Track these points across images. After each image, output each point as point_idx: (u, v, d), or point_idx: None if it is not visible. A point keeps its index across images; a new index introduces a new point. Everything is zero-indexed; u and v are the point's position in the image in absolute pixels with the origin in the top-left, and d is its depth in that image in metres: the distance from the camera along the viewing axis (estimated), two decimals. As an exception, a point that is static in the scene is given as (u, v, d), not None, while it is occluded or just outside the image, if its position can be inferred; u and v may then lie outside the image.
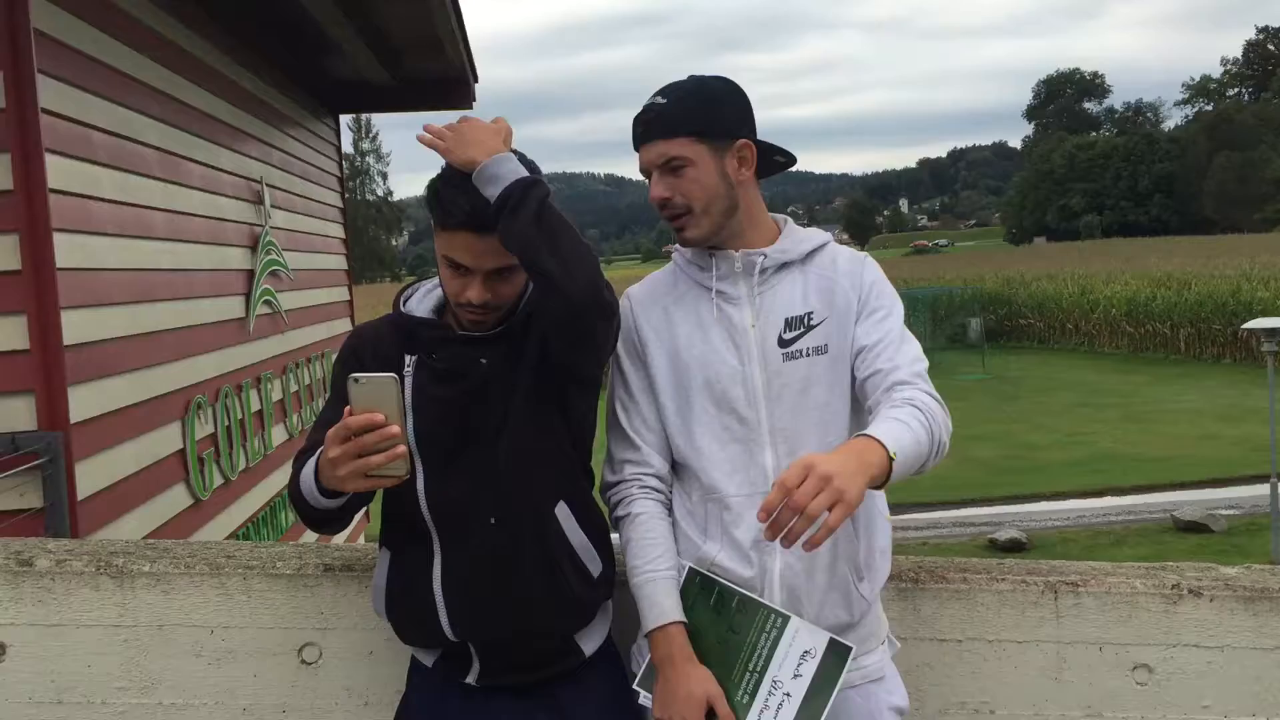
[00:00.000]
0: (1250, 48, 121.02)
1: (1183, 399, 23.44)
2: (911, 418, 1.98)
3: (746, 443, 2.17)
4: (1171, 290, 32.64)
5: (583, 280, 1.99)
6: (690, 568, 2.17)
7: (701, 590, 2.15)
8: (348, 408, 1.88)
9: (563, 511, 2.18)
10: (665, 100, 2.16)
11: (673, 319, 2.24)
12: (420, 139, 2.12)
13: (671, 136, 2.14)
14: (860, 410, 2.21)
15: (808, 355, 2.17)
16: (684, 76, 2.24)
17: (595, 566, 2.22)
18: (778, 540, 1.90)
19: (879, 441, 1.89)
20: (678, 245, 2.32)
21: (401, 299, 2.27)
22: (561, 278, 1.97)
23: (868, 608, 2.22)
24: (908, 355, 2.14)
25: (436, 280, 2.26)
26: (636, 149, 2.21)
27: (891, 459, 1.88)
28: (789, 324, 2.19)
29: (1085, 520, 14.72)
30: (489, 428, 2.12)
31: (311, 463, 2.04)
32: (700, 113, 2.16)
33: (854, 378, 2.19)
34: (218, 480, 6.00)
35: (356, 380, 1.87)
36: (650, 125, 2.16)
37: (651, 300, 2.29)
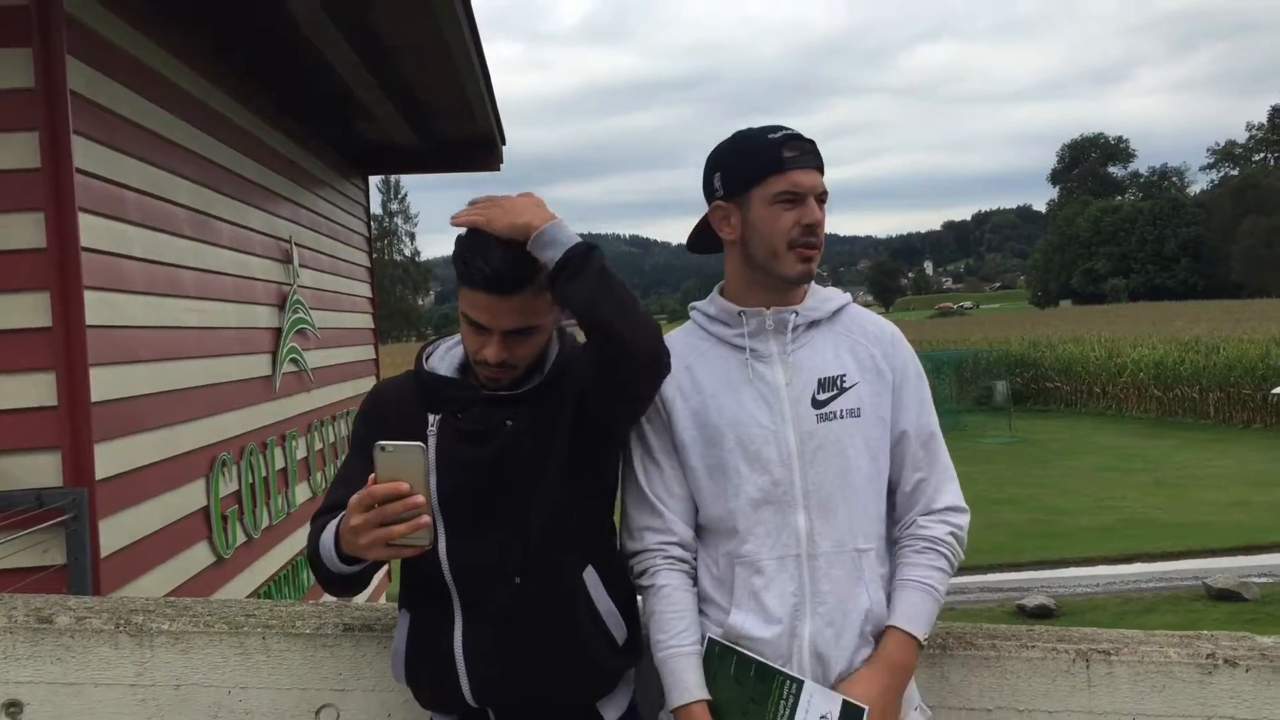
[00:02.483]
0: (1276, 113, 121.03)
1: (1213, 464, 23.15)
2: (939, 574, 2.17)
3: (779, 504, 2.14)
4: (1200, 354, 32.35)
5: (648, 337, 2.02)
6: (710, 639, 2.15)
7: (721, 660, 2.12)
8: (372, 475, 1.86)
9: (591, 577, 2.16)
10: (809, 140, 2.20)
11: (698, 378, 2.22)
12: (456, 220, 2.11)
13: (822, 173, 2.20)
14: (886, 476, 2.23)
15: (841, 417, 2.16)
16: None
17: (621, 633, 2.19)
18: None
19: (913, 638, 2.12)
20: (696, 304, 2.33)
21: (424, 356, 2.26)
22: (629, 334, 1.99)
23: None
24: (941, 469, 2.24)
25: (458, 337, 2.26)
26: (788, 169, 2.15)
27: (922, 645, 2.13)
28: (822, 384, 2.18)
29: (1115, 587, 14.47)
30: (515, 491, 2.10)
31: (332, 527, 2.02)
32: None
33: (891, 454, 2.22)
34: (241, 538, 5.99)
35: (383, 448, 1.86)
36: (814, 154, 2.19)
37: (675, 360, 2.26)
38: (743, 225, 2.21)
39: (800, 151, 2.17)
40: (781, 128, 2.20)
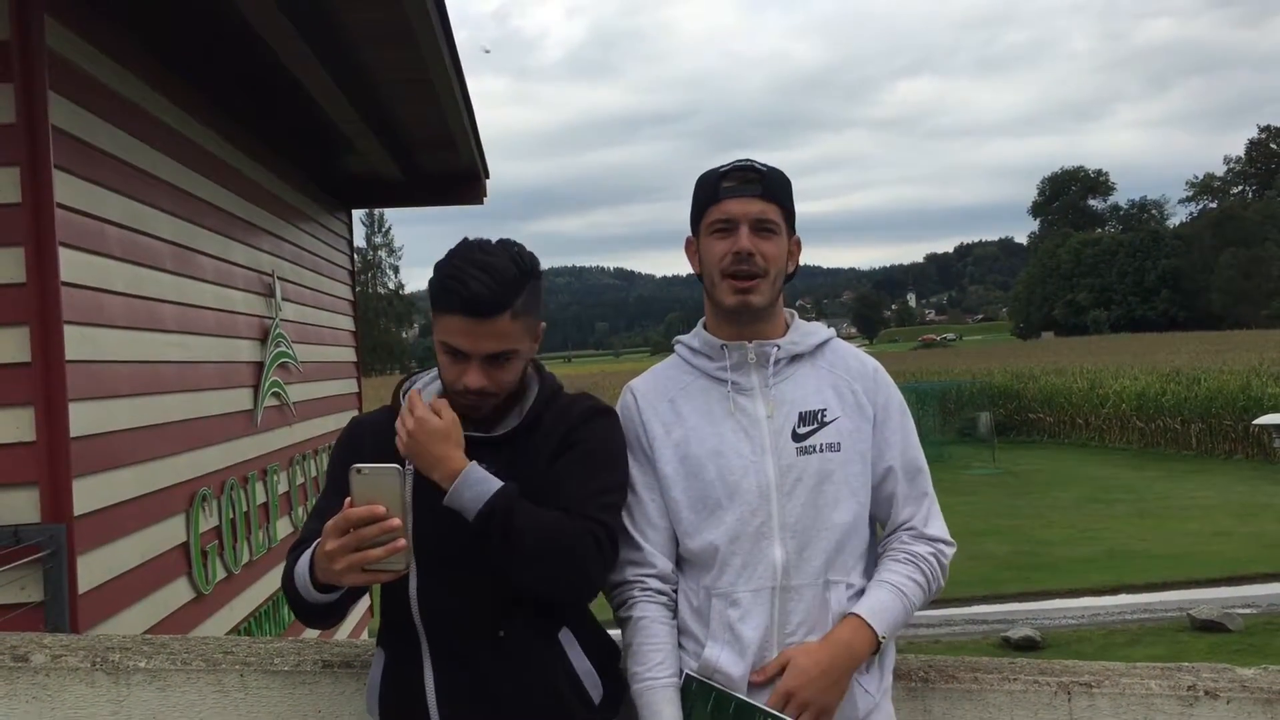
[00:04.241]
0: (1253, 146, 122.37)
1: (1195, 495, 23.20)
2: (914, 585, 2.17)
3: (756, 537, 2.14)
4: (1181, 385, 32.49)
5: (565, 584, 2.04)
6: (687, 675, 2.13)
7: (699, 697, 2.11)
8: (348, 499, 1.85)
9: (566, 637, 2.13)
10: (763, 168, 2.21)
11: (681, 411, 2.23)
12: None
13: (770, 200, 2.19)
14: (868, 511, 2.23)
15: (821, 451, 2.17)
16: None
17: (597, 693, 2.15)
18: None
19: (870, 628, 2.10)
20: (681, 337, 2.34)
21: (402, 391, 2.23)
22: (547, 593, 2.04)
23: (874, 704, 2.17)
24: (929, 504, 2.25)
25: (435, 372, 2.23)
26: (722, 199, 2.19)
27: (880, 640, 2.11)
28: (803, 418, 2.19)
29: (1100, 619, 14.47)
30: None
31: (307, 555, 2.00)
32: (789, 192, 2.24)
33: (872, 487, 2.22)
34: (221, 574, 5.94)
35: (359, 470, 1.84)
36: (753, 183, 2.19)
37: (658, 393, 2.28)
38: (699, 258, 2.26)
39: (739, 181, 2.20)
40: (739, 161, 2.23)
